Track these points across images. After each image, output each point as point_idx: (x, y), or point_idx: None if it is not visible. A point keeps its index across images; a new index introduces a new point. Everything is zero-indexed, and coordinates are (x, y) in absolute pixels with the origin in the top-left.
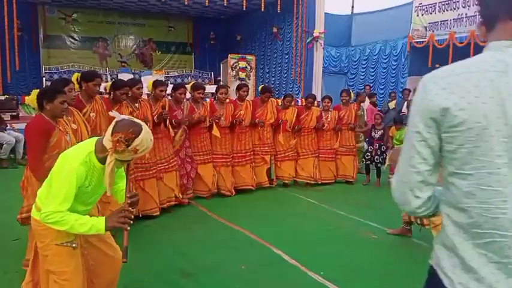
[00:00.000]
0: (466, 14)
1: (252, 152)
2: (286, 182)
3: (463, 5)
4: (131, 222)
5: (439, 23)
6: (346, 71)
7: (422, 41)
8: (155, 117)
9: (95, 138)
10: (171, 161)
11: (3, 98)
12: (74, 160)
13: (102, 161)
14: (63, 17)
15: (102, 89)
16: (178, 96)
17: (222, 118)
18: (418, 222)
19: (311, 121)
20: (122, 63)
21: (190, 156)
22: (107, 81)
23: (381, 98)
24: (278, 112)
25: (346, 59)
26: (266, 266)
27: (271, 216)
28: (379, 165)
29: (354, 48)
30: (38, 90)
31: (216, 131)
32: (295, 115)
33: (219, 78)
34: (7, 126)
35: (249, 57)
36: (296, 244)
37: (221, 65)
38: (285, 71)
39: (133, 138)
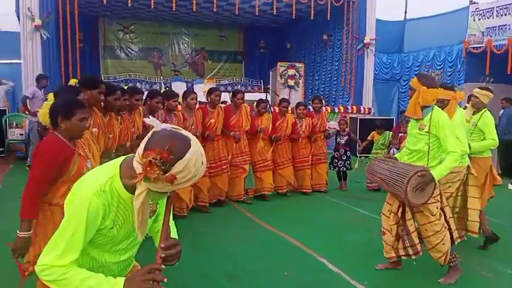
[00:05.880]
0: None
1: (226, 161)
2: (267, 193)
3: None
4: None
5: (497, 27)
6: (398, 77)
7: (479, 47)
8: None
9: (123, 158)
10: None
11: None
12: (86, 189)
13: (132, 189)
14: (121, 28)
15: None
16: (154, 105)
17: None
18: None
19: (287, 128)
20: (175, 72)
21: None
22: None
23: None
24: (253, 119)
25: (398, 66)
26: (309, 272)
27: (315, 223)
28: (343, 169)
29: (407, 54)
30: (52, 103)
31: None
32: (271, 122)
33: (268, 86)
34: None
35: (298, 64)
36: (340, 252)
37: (270, 73)
38: (335, 78)
39: (172, 160)
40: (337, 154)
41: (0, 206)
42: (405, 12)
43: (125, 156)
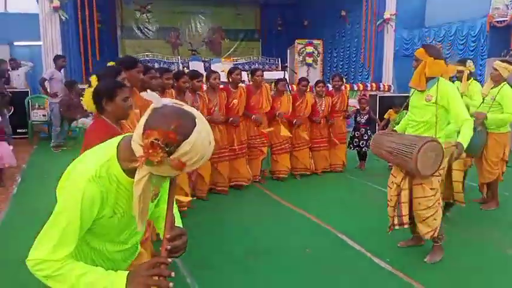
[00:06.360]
0: None
1: (246, 144)
2: (283, 176)
3: None
4: (170, 284)
5: None
6: None
7: (504, 20)
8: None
9: (120, 137)
10: None
11: (86, 86)
12: (80, 175)
13: (132, 173)
14: (138, 8)
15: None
16: (182, 85)
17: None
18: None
19: (306, 109)
20: (193, 51)
21: None
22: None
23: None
24: (273, 101)
25: (419, 41)
26: (329, 250)
27: (335, 201)
28: (364, 149)
29: (428, 29)
30: (94, 88)
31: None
32: (291, 103)
33: (286, 64)
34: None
35: (316, 42)
36: (361, 230)
37: (288, 50)
38: (354, 56)
39: (178, 141)
40: (357, 133)
41: (27, 183)
42: None
43: (122, 136)
